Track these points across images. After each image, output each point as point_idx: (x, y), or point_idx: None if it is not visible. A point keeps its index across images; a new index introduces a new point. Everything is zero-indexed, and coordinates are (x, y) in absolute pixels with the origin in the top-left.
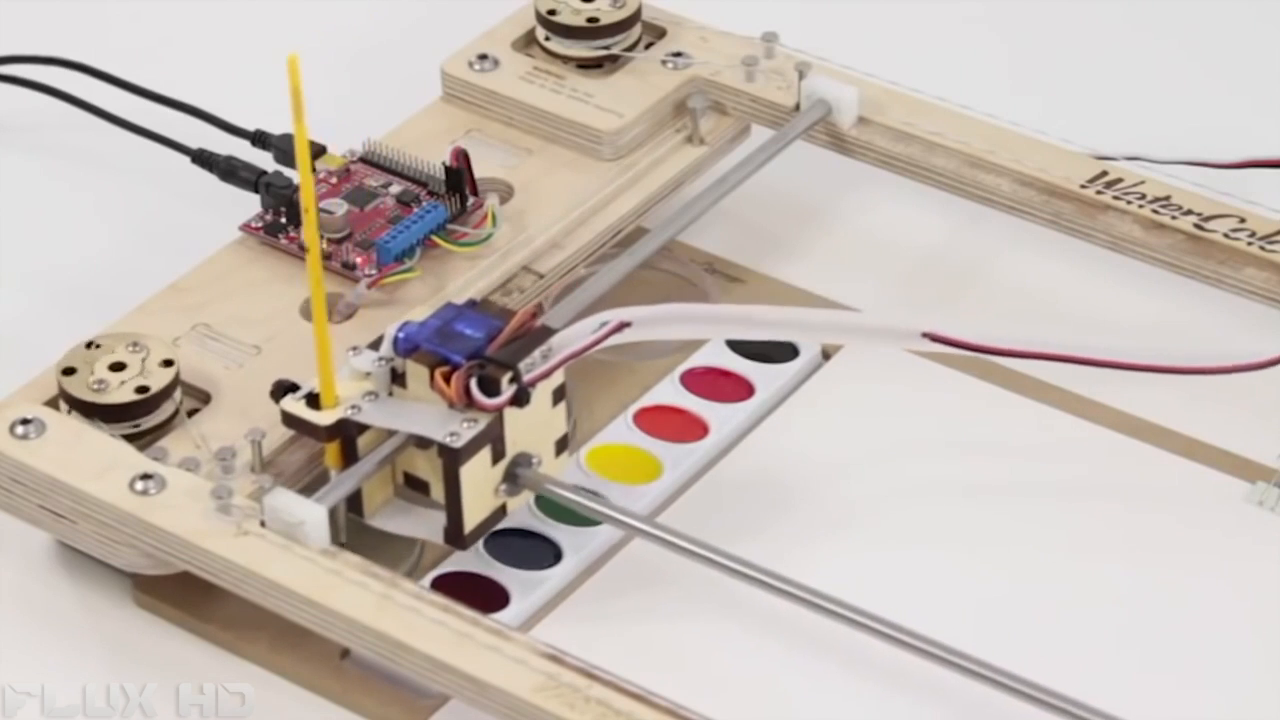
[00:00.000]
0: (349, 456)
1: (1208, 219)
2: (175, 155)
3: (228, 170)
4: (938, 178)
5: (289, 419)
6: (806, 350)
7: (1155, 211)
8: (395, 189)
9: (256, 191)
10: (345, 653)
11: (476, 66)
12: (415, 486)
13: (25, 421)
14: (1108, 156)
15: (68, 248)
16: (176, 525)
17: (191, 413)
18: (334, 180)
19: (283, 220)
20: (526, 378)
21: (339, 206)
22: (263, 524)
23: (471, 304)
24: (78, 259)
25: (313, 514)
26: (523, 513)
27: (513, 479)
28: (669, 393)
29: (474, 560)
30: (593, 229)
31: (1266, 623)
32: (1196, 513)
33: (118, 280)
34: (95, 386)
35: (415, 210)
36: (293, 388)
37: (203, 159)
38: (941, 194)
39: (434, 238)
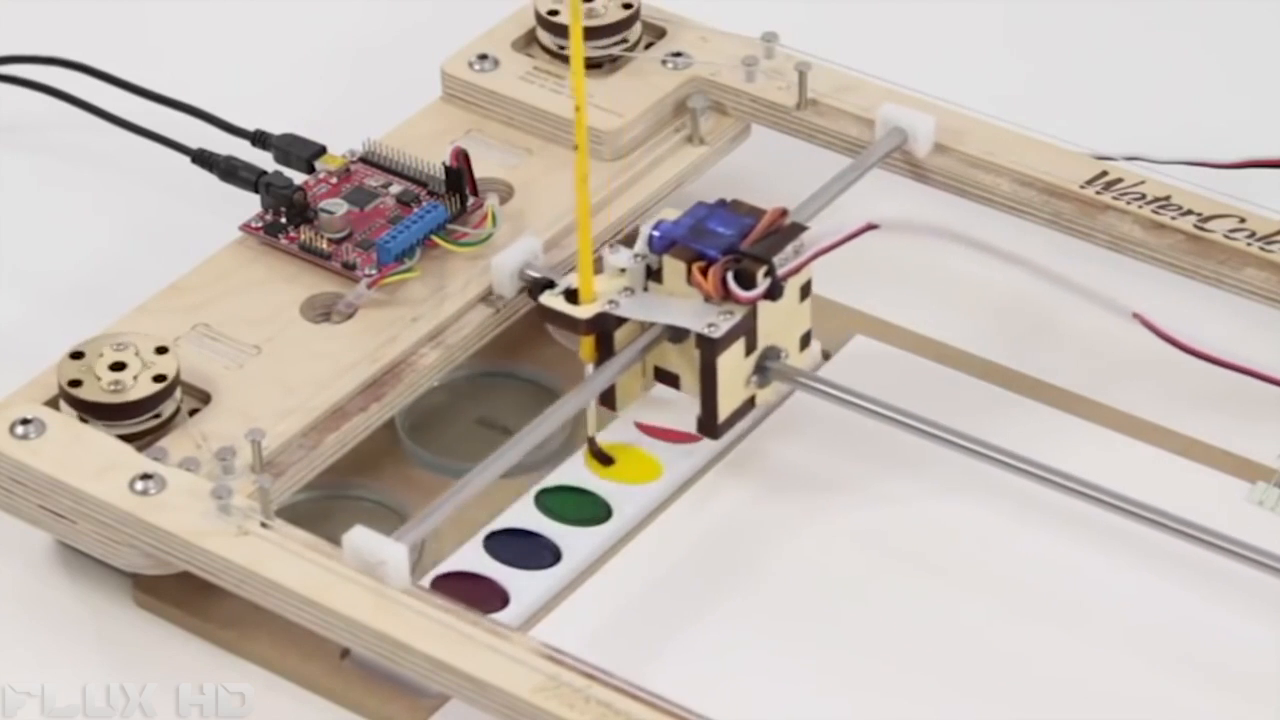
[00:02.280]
0: (604, 351)
1: (1208, 219)
2: (175, 155)
3: (228, 170)
4: (937, 178)
5: (547, 313)
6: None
7: (1155, 211)
8: (395, 189)
9: (256, 191)
10: (345, 653)
11: (476, 66)
12: (665, 380)
13: (25, 421)
14: (1108, 156)
15: (67, 248)
16: (176, 525)
17: (192, 413)
18: (334, 180)
19: (283, 220)
20: (780, 272)
21: (339, 206)
22: (263, 524)
23: (722, 203)
24: (77, 259)
25: (394, 553)
26: (523, 513)
27: (762, 371)
28: (669, 393)
29: (474, 560)
30: (593, 229)
31: (1266, 622)
32: (1196, 513)
33: (118, 280)
34: (114, 387)
35: (415, 210)
36: (549, 284)
37: (203, 159)
38: (941, 194)
39: (434, 238)
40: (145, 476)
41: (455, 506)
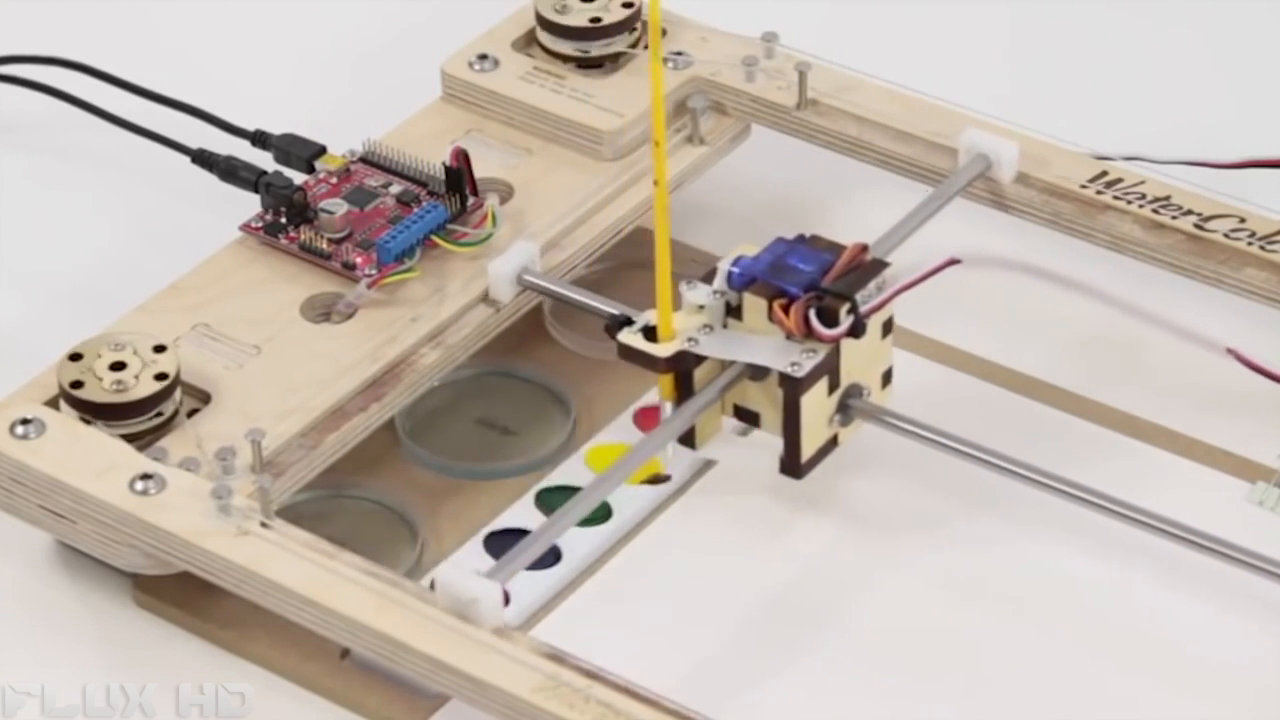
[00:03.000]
0: (684, 389)
1: (1208, 219)
2: (175, 155)
3: (228, 170)
4: (938, 178)
5: (626, 351)
6: None
7: (1155, 211)
8: (395, 189)
9: (256, 191)
10: (345, 653)
11: (476, 66)
12: (745, 418)
13: (25, 421)
14: (1108, 156)
15: (68, 248)
16: (176, 525)
17: (191, 413)
18: (334, 180)
19: (283, 220)
20: (863, 309)
21: (339, 206)
22: (263, 524)
23: (801, 239)
24: (78, 259)
25: (487, 591)
26: (523, 513)
27: (845, 409)
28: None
29: (474, 560)
30: (593, 229)
31: (1266, 623)
32: (1196, 513)
33: (118, 280)
34: (115, 387)
35: (415, 210)
36: (627, 321)
37: (203, 159)
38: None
39: (434, 238)
40: (145, 476)
41: (548, 542)
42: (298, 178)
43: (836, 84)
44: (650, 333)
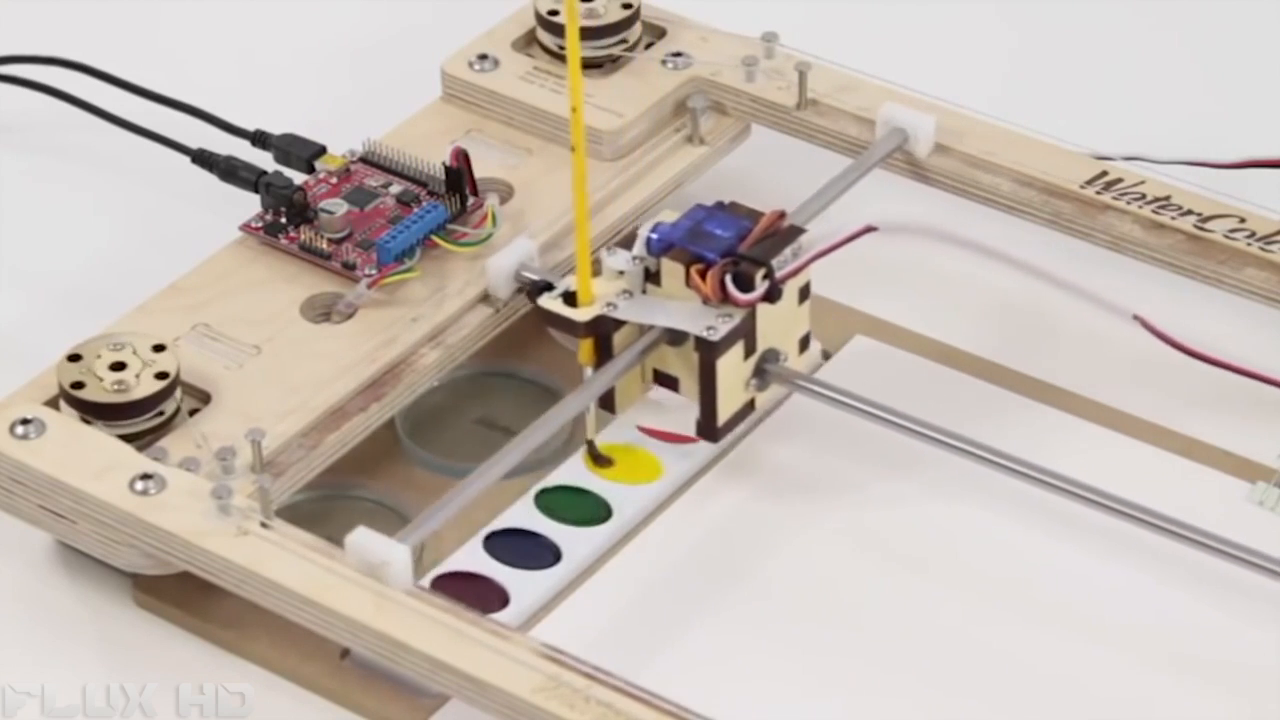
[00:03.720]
0: (603, 353)
1: (1208, 219)
2: (175, 155)
3: (228, 170)
4: (938, 178)
5: (547, 316)
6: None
7: (1155, 211)
8: (395, 189)
9: (256, 191)
10: (345, 653)
11: (476, 66)
12: (664, 383)
13: (25, 421)
14: (1108, 156)
15: (67, 248)
16: (176, 525)
17: (192, 413)
18: (334, 180)
19: (283, 220)
20: (778, 274)
21: (339, 206)
22: (263, 524)
23: (720, 205)
24: (78, 259)
25: (397, 554)
26: (523, 513)
27: (761, 374)
28: (669, 393)
29: (474, 560)
30: (593, 229)
31: (1266, 622)
32: (1196, 513)
33: (118, 280)
34: (115, 387)
35: (415, 210)
36: (547, 286)
37: (203, 159)
38: (941, 194)
39: (434, 238)
40: (145, 476)
41: (456, 509)
42: (298, 178)
43: (836, 84)
44: (570, 298)
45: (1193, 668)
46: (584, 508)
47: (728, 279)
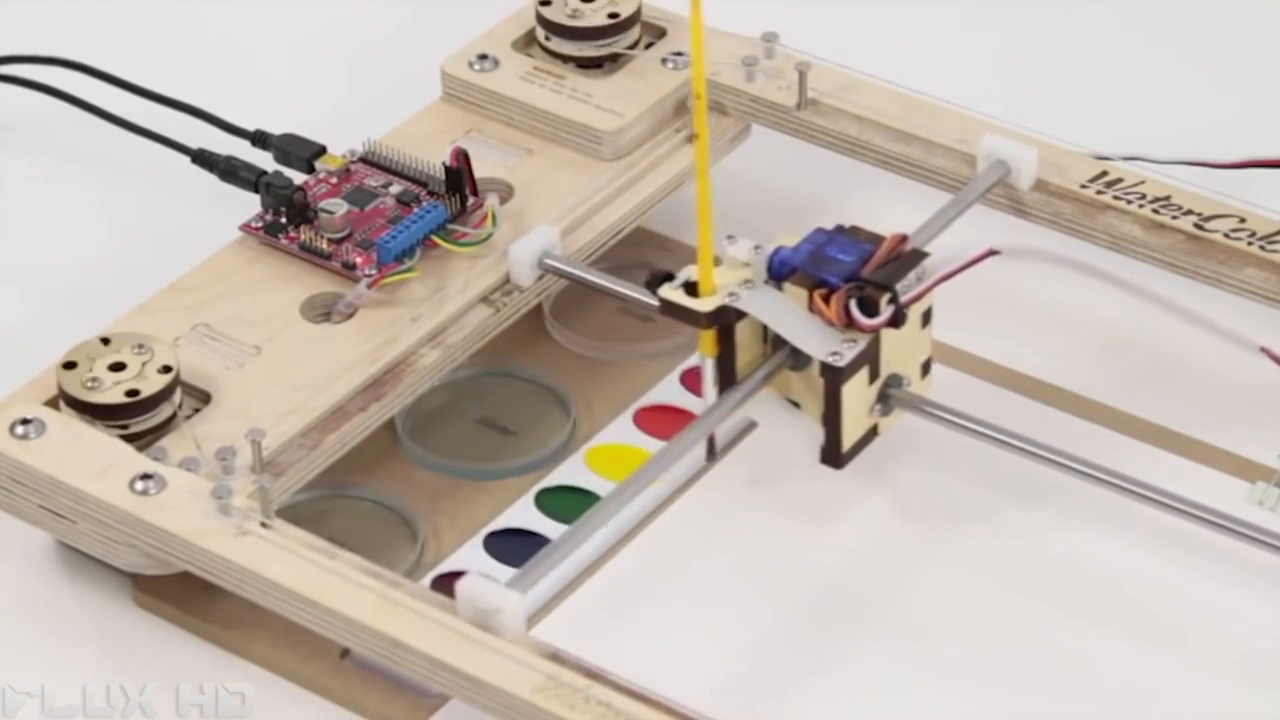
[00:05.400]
0: (726, 344)
1: (1208, 219)
2: (175, 155)
3: (228, 170)
4: (937, 178)
5: (667, 306)
6: None
7: (1155, 211)
8: (395, 189)
9: (256, 191)
10: (345, 653)
11: (476, 66)
12: None
13: (25, 421)
14: (1108, 156)
15: (68, 248)
16: (176, 525)
17: (192, 413)
18: (334, 180)
19: (283, 220)
20: (902, 299)
21: (339, 206)
22: (263, 524)
23: (840, 229)
24: (78, 259)
25: (509, 601)
26: (523, 513)
27: (885, 399)
28: (669, 393)
29: (474, 560)
30: (593, 229)
31: (1266, 622)
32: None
33: (118, 280)
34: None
35: (415, 210)
36: (668, 276)
37: (203, 159)
38: (941, 194)
39: (434, 238)
40: (145, 476)
41: (575, 556)
42: (298, 178)
43: (836, 84)
44: (691, 288)
45: None
46: (584, 508)
47: (852, 304)
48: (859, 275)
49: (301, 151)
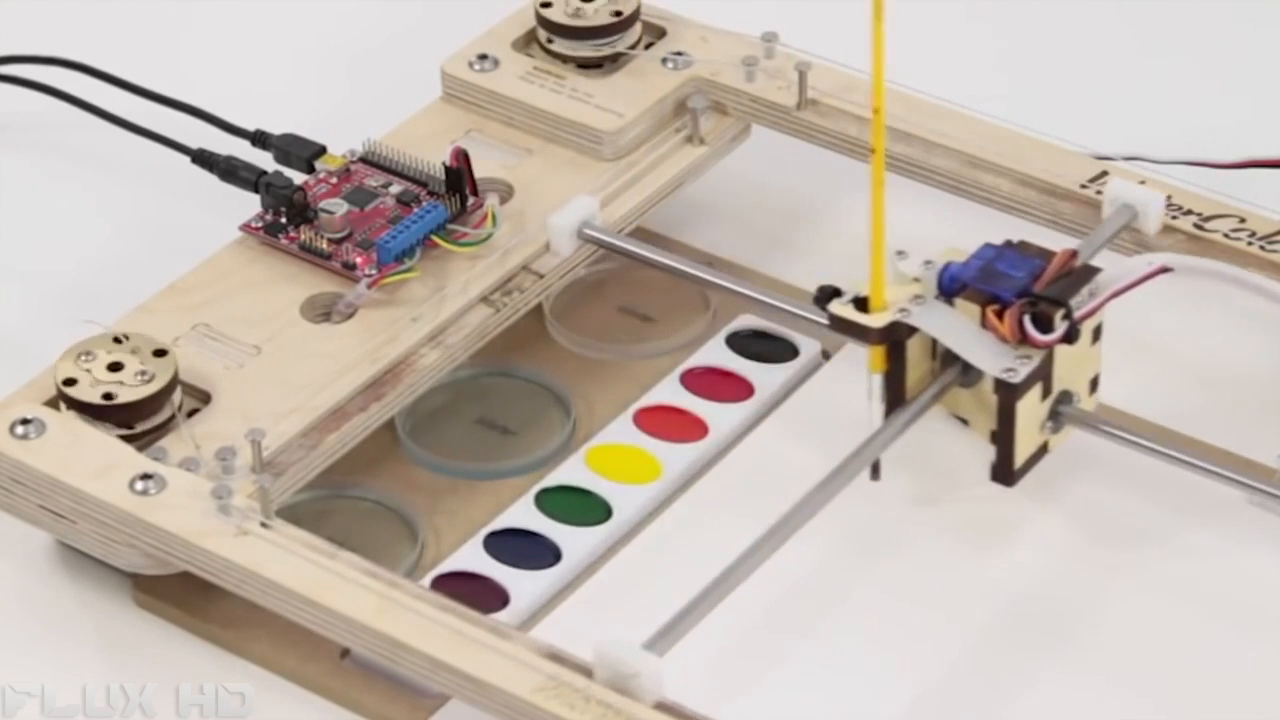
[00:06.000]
0: (896, 361)
1: (1208, 219)
2: (175, 155)
3: (228, 170)
4: (938, 178)
5: (837, 322)
6: (806, 350)
7: None
8: (395, 189)
9: (256, 191)
10: (345, 653)
11: (476, 66)
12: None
13: (25, 421)
14: (1108, 156)
15: (68, 248)
16: (176, 525)
17: (192, 413)
18: (334, 180)
19: (283, 220)
20: (1076, 315)
21: (339, 206)
22: (263, 524)
23: (1008, 244)
24: (78, 259)
25: (648, 665)
26: (523, 513)
27: (1056, 416)
28: (669, 393)
29: (474, 560)
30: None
31: (1267, 622)
32: (1196, 513)
33: (118, 280)
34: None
35: (415, 210)
36: (836, 292)
37: (203, 159)
38: (941, 194)
39: (434, 238)
40: (145, 476)
41: (712, 600)
42: (298, 178)
43: (836, 84)
44: (861, 304)
45: None
46: (584, 508)
47: (1026, 320)
48: (1031, 291)
49: (301, 151)
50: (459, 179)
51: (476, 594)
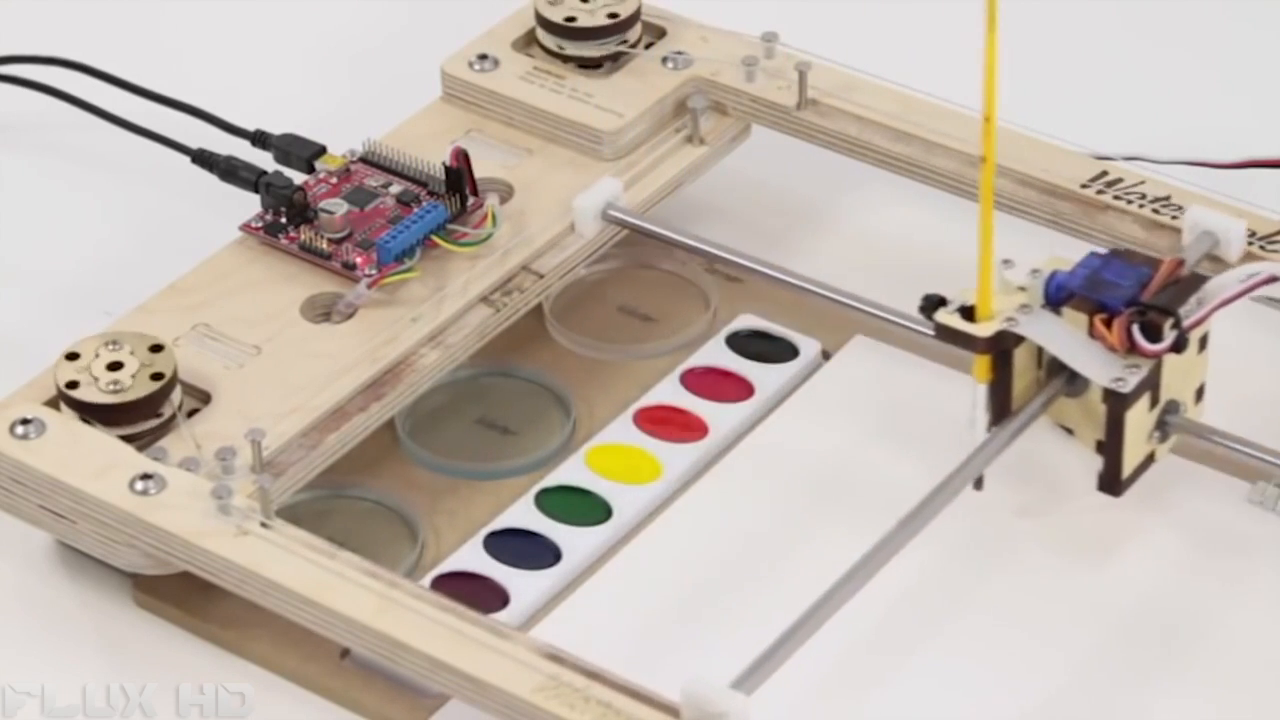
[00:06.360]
0: (1001, 370)
1: None
2: (175, 155)
3: (228, 170)
4: (937, 178)
5: (943, 331)
6: (806, 350)
7: (1155, 211)
8: (395, 189)
9: (256, 191)
10: (345, 653)
11: (476, 66)
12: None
13: (25, 421)
14: (1108, 156)
15: (68, 248)
16: (176, 525)
17: (191, 413)
18: (334, 180)
19: (283, 220)
20: (1184, 324)
21: (339, 206)
22: (263, 524)
23: (1114, 253)
24: (78, 259)
25: (736, 704)
26: (523, 513)
27: (1163, 426)
28: (669, 393)
29: (474, 560)
30: (591, 230)
31: (1267, 622)
32: (1196, 512)
33: (117, 280)
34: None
35: (415, 210)
36: (942, 301)
37: (203, 159)
38: (941, 194)
39: (434, 238)
40: (145, 476)
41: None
42: (298, 178)
43: (836, 84)
44: (968, 313)
45: None
46: (584, 508)
47: (1135, 329)
48: (1139, 300)
49: (301, 151)
50: (459, 179)
51: (476, 594)
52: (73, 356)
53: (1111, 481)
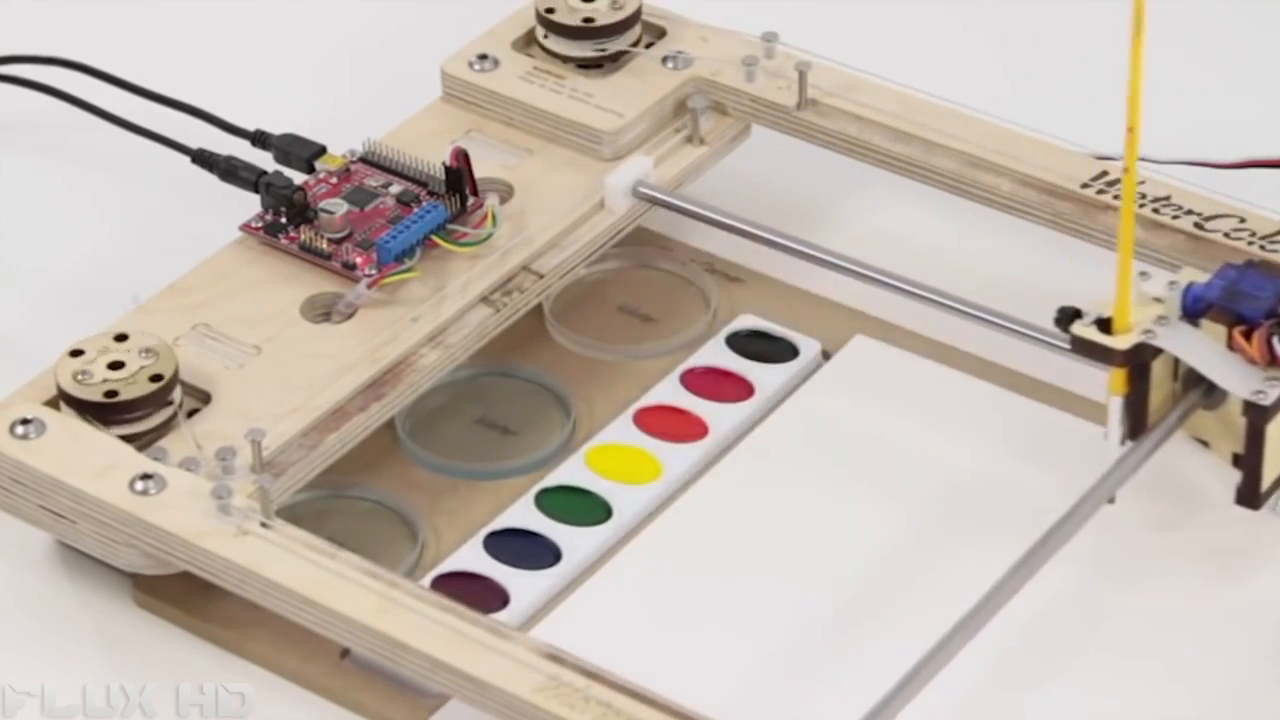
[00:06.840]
0: (1138, 383)
1: (1208, 219)
2: (175, 155)
3: (228, 170)
4: (938, 178)
5: (1080, 344)
6: (806, 350)
7: (1155, 211)
8: (395, 189)
9: (256, 191)
10: (345, 653)
11: (476, 66)
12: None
13: (25, 421)
14: (1108, 156)
15: (68, 248)
16: (176, 525)
17: (191, 413)
18: (334, 180)
19: (283, 220)
20: None
21: (339, 206)
22: (263, 524)
23: (1250, 264)
24: (78, 259)
25: None
26: (523, 513)
27: None
28: (669, 393)
29: (474, 560)
30: (593, 229)
31: (1267, 622)
32: (1196, 512)
33: (118, 280)
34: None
35: (415, 210)
36: (1077, 313)
37: (203, 159)
38: (941, 194)
39: (434, 238)
40: (145, 476)
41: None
42: (298, 178)
43: (836, 84)
44: (1104, 325)
45: None
46: (584, 508)
47: (1275, 341)
48: (1277, 311)
49: (301, 151)
50: (459, 179)
51: (476, 594)
52: (76, 354)
53: (1250, 494)
